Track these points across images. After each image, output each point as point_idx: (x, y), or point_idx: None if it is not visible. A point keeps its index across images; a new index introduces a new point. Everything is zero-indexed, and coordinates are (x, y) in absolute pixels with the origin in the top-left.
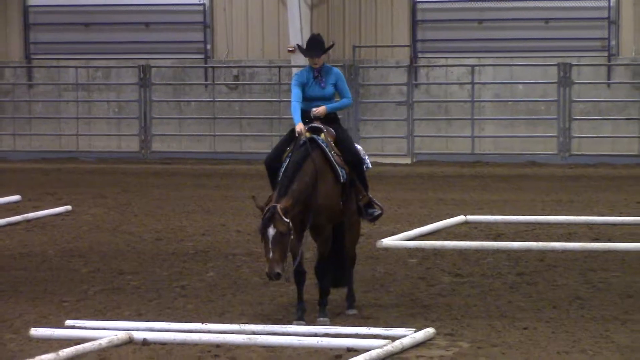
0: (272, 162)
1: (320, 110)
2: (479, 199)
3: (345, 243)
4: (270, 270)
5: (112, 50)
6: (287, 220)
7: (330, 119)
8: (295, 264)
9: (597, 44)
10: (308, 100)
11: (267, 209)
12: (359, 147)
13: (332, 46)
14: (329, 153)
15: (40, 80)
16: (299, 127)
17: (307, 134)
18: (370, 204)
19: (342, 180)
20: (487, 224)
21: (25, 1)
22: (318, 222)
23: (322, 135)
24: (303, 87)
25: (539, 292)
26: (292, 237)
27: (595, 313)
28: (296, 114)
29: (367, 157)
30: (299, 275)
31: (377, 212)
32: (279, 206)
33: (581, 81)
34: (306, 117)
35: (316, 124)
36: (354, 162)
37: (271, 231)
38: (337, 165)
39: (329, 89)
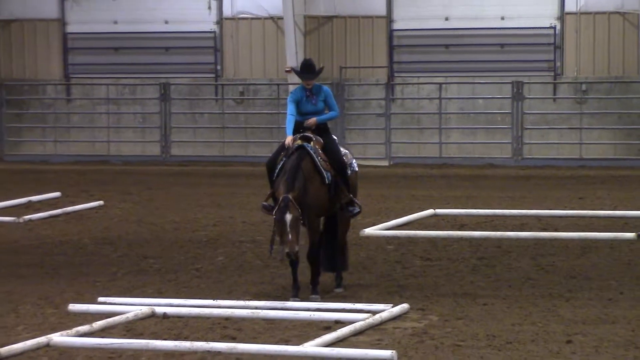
0: (270, 164)
1: (310, 121)
2: (445, 195)
3: (338, 233)
4: (291, 249)
5: (137, 70)
6: (298, 207)
7: (321, 129)
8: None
9: (545, 65)
10: (302, 115)
11: (281, 199)
12: (347, 151)
13: (322, 69)
14: (316, 159)
15: (77, 96)
16: (288, 140)
17: (299, 142)
18: (351, 202)
19: (327, 182)
20: (452, 216)
21: (64, 29)
22: (308, 216)
23: (312, 143)
24: (297, 103)
25: (496, 274)
26: (302, 221)
27: (544, 291)
28: (289, 126)
29: (354, 160)
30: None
31: (356, 210)
32: (291, 196)
33: (531, 96)
34: (300, 127)
35: (307, 134)
36: (338, 167)
37: (288, 216)
38: (323, 170)
39: (320, 105)
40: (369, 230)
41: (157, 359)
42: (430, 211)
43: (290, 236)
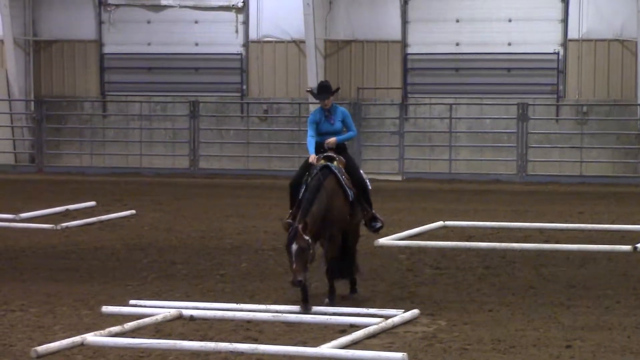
0: (295, 184)
1: (331, 141)
2: (454, 209)
3: (349, 243)
4: (294, 278)
5: (168, 89)
6: (307, 238)
7: (340, 148)
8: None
9: (549, 88)
10: (321, 135)
11: (291, 229)
12: (362, 171)
13: (337, 90)
14: (341, 177)
15: (112, 112)
16: (312, 158)
17: (322, 161)
18: (374, 218)
19: (350, 199)
20: (461, 228)
21: (101, 49)
22: (331, 231)
23: (335, 162)
24: (317, 124)
25: (501, 282)
26: (311, 250)
27: (545, 299)
28: (310, 147)
29: (367, 179)
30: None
31: (379, 225)
32: (300, 226)
33: (535, 117)
34: (321, 147)
35: (330, 154)
36: (360, 185)
37: (294, 247)
38: (346, 187)
39: (338, 125)
40: (383, 240)
41: (184, 358)
42: (440, 223)
43: (295, 265)
